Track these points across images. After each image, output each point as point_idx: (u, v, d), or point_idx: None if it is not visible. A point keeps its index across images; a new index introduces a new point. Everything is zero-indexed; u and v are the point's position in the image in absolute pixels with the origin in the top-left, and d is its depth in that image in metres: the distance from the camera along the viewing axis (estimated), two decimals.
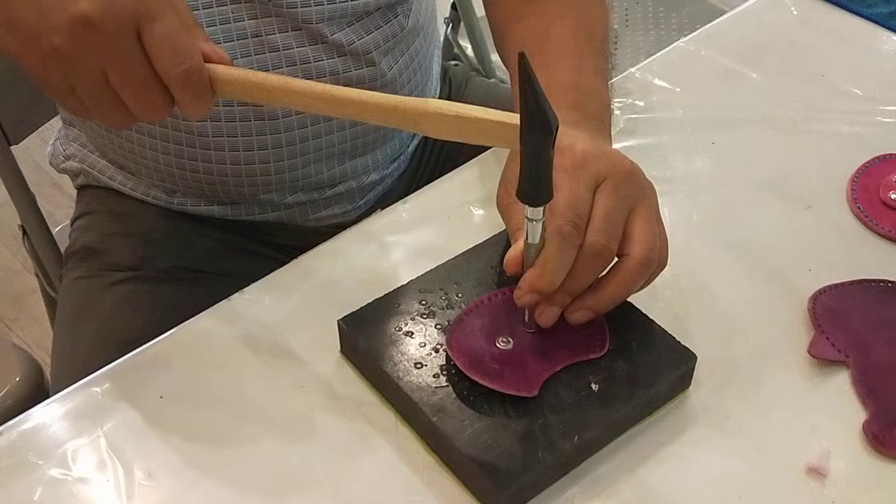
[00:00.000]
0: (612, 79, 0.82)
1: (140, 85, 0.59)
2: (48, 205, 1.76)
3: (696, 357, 0.66)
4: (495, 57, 1.37)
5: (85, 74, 0.58)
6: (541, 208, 0.60)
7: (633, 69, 0.96)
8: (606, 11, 0.83)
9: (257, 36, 0.82)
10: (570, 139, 0.66)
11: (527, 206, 0.60)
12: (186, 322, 0.72)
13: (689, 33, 1.00)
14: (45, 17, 0.57)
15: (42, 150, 1.02)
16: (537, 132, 0.55)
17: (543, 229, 0.61)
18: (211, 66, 0.60)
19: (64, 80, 0.59)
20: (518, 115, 0.55)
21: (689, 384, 0.67)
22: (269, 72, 0.83)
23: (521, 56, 0.53)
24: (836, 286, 0.73)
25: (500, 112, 0.57)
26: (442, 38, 1.53)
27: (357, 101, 0.60)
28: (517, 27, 0.82)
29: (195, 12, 0.79)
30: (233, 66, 0.61)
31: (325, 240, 0.81)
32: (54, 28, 0.57)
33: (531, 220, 0.60)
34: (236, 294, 0.74)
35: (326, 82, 0.83)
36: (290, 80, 0.61)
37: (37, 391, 1.05)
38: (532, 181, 0.58)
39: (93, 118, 0.62)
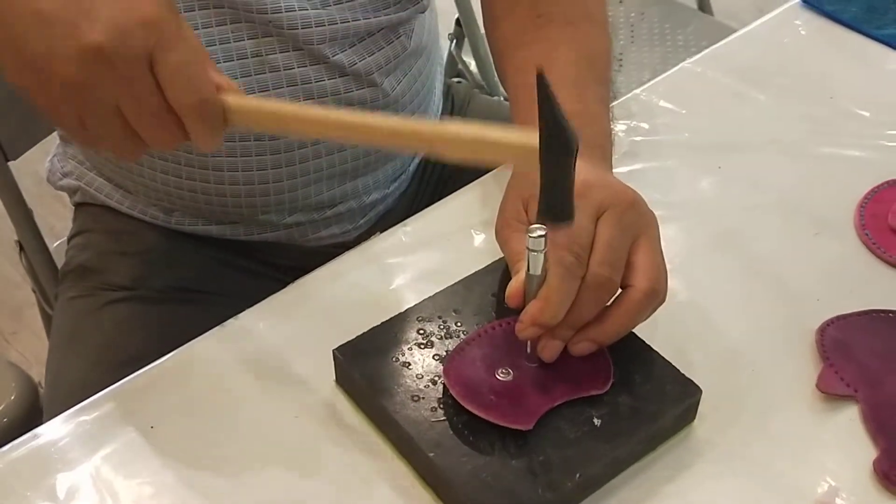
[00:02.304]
0: (612, 105, 0.81)
1: (153, 116, 0.58)
2: (50, 216, 1.75)
3: (700, 391, 0.64)
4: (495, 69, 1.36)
5: (97, 107, 0.57)
6: (542, 239, 0.59)
7: (637, 90, 0.95)
8: (609, 40, 0.82)
9: (257, 56, 0.80)
10: None
11: (528, 237, 0.58)
12: (178, 350, 0.71)
13: (695, 50, 0.99)
14: (56, 50, 0.56)
15: (44, 162, 1.01)
16: (558, 153, 0.54)
17: (545, 260, 0.60)
18: (224, 96, 0.59)
19: (76, 112, 0.58)
20: (535, 135, 0.54)
21: (693, 418, 0.66)
22: (270, 93, 0.82)
23: (540, 76, 0.52)
24: (844, 317, 0.71)
25: (517, 133, 0.56)
26: (445, 55, 1.52)
27: (372, 127, 0.59)
28: (519, 54, 0.81)
29: (194, 32, 0.78)
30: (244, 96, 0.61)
31: (324, 259, 0.79)
32: (66, 60, 0.56)
33: (532, 251, 0.59)
34: (231, 320, 0.73)
35: (327, 102, 0.84)
36: (303, 108, 0.60)
37: (32, 410, 1.04)
38: (552, 200, 0.57)
39: (104, 150, 0.61)
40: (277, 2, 0.79)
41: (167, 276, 0.92)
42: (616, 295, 0.63)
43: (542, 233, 0.59)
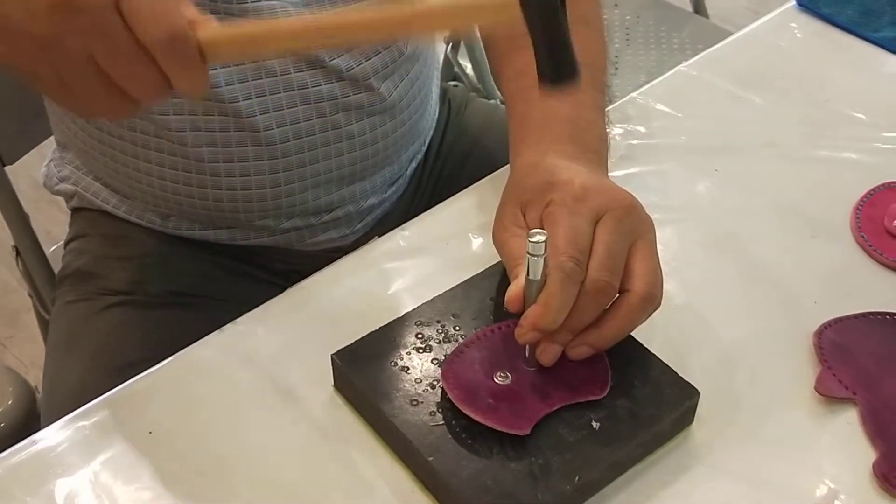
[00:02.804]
0: (608, 109, 0.81)
1: (128, 61, 0.56)
2: (46, 221, 1.74)
3: (698, 393, 0.64)
4: (492, 74, 1.36)
5: (72, 60, 0.56)
6: (542, 244, 0.59)
7: (634, 94, 0.95)
8: (605, 44, 0.82)
9: (254, 61, 0.80)
10: (570, 173, 0.65)
11: (528, 242, 0.58)
12: (177, 354, 0.71)
13: (691, 53, 0.99)
14: (26, 6, 0.55)
15: (40, 167, 1.01)
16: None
17: (545, 265, 0.60)
18: (198, 28, 0.57)
19: (54, 71, 0.57)
20: None
21: (691, 421, 0.66)
22: (267, 98, 0.82)
23: None
24: (841, 319, 0.72)
25: None
26: (441, 58, 1.52)
27: (347, 25, 0.57)
28: (515, 58, 0.81)
29: None
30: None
31: (321, 263, 0.79)
32: (36, 15, 0.55)
33: (532, 256, 0.59)
34: (229, 325, 0.73)
35: (325, 107, 0.85)
36: (274, 23, 0.58)
37: (30, 415, 1.04)
38: (547, 55, 0.54)
39: (92, 113, 0.59)
40: (273, 8, 0.79)
41: (164, 281, 0.92)
42: (613, 299, 0.63)
43: (542, 238, 0.59)
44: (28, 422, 1.03)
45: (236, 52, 0.59)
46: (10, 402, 1.04)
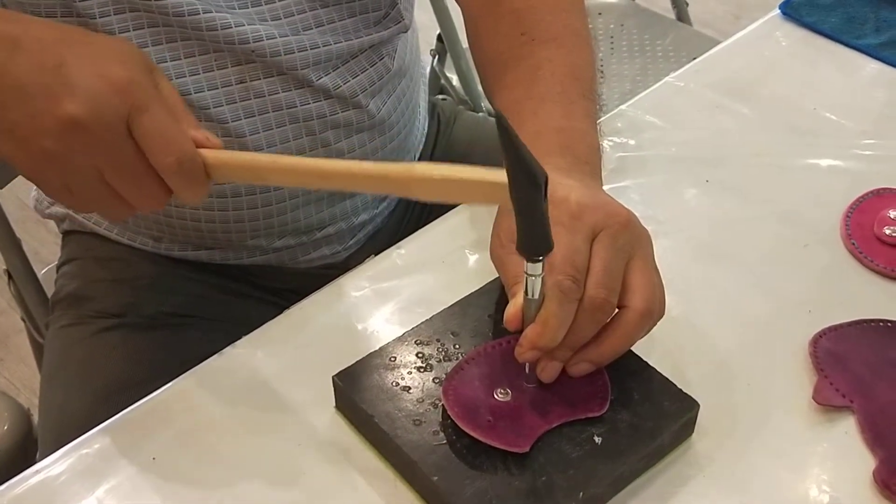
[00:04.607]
0: (599, 119, 0.81)
1: (136, 179, 0.60)
2: (33, 241, 1.74)
3: (698, 405, 0.65)
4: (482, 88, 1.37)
5: (79, 174, 0.59)
6: (540, 263, 0.59)
7: (623, 106, 0.95)
8: (593, 52, 0.83)
9: (242, 83, 0.81)
10: (565, 190, 0.65)
11: (526, 262, 0.59)
12: (177, 379, 0.71)
13: (674, 59, 0.99)
14: (35, 121, 0.57)
15: (26, 187, 1.01)
16: (524, 188, 0.55)
17: (543, 283, 0.60)
18: (203, 151, 0.61)
19: (60, 179, 0.60)
20: (503, 173, 0.55)
21: (692, 432, 0.66)
22: (256, 118, 0.82)
23: (499, 117, 0.53)
24: (835, 328, 0.72)
25: (487, 171, 0.57)
26: (428, 71, 1.52)
27: (346, 172, 0.60)
28: (506, 73, 0.81)
29: (177, 62, 0.78)
30: (223, 149, 0.62)
31: (315, 281, 0.79)
32: (45, 131, 0.57)
33: (530, 276, 0.59)
34: (228, 348, 0.73)
35: (314, 125, 0.85)
36: (278, 157, 0.62)
37: (26, 439, 1.03)
38: (528, 235, 0.58)
39: (91, 212, 0.62)
40: (258, 31, 0.79)
41: (158, 302, 0.92)
42: (612, 315, 0.64)
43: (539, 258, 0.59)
44: (25, 446, 1.03)
45: (235, 175, 0.63)
46: (6, 427, 1.03)
